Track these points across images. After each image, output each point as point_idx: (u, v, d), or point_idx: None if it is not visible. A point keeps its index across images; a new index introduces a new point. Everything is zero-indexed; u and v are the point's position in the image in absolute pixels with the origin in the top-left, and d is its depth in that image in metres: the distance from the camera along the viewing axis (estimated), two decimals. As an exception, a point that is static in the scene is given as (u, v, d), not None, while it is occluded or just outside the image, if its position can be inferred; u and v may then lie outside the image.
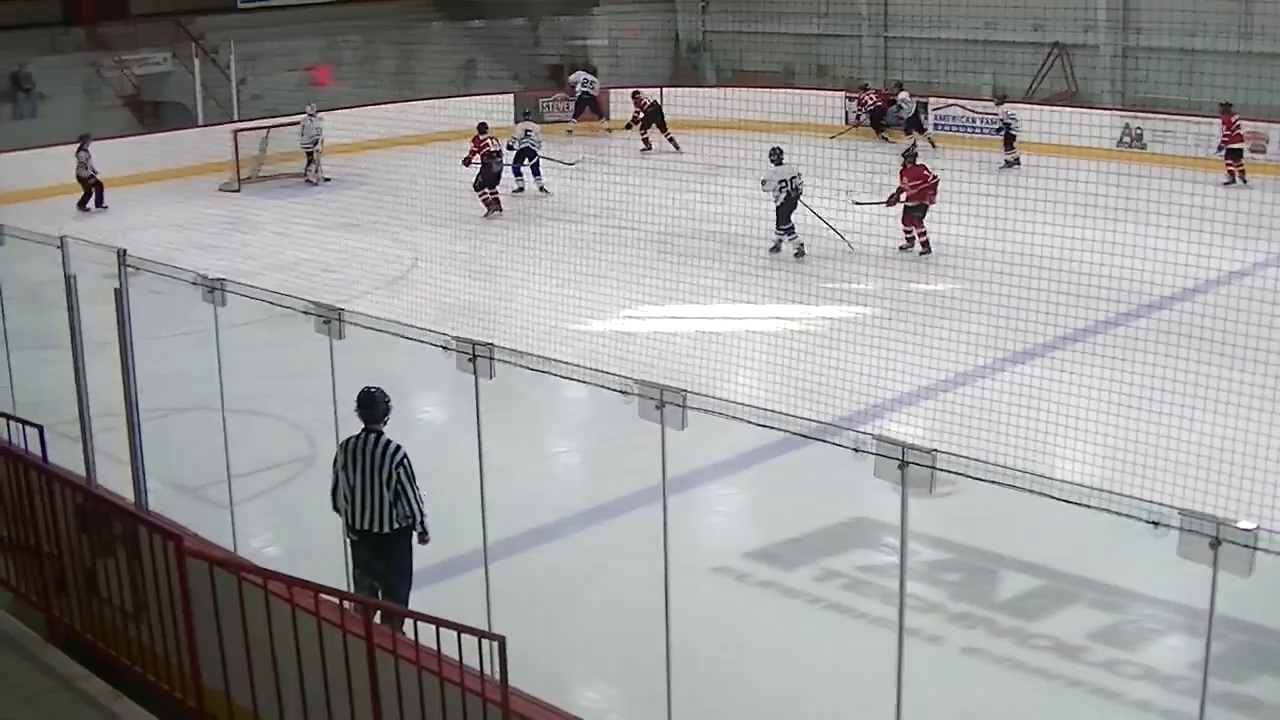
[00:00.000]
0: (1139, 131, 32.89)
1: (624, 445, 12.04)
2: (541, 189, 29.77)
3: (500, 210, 27.55)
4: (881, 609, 11.24)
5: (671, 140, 34.61)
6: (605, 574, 12.47)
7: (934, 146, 33.63)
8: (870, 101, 36.90)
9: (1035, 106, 33.90)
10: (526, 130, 30.04)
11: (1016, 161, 31.63)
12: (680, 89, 37.82)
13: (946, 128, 35.90)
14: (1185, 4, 30.82)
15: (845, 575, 12.31)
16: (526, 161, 29.91)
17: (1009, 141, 32.07)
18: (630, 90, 36.41)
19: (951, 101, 36.20)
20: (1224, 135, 29.57)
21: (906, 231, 23.79)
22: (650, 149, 34.98)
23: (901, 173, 23.83)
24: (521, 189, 29.89)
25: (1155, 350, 15.29)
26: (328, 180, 32.02)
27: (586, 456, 16.04)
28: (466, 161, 27.96)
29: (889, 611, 8.67)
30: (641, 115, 35.39)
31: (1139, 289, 18.29)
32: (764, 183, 24.05)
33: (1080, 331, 18.07)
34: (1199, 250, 16.81)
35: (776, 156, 23.94)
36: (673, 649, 9.02)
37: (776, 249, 23.92)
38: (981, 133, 34.83)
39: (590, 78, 38.16)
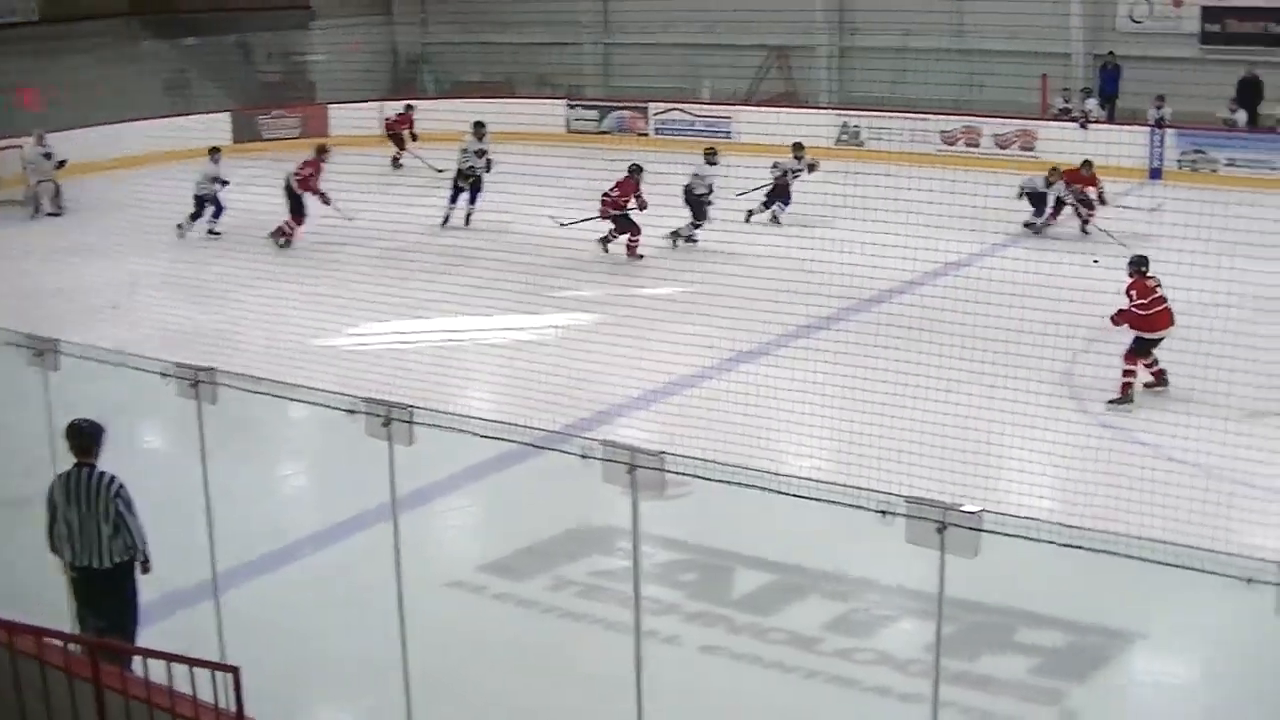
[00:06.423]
0: (856, 129, 33.76)
1: (353, 464, 11.88)
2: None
3: None
4: (618, 613, 11.23)
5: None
6: (340, 595, 12.28)
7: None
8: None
9: (755, 108, 34.63)
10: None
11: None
12: (399, 102, 37.40)
13: (667, 131, 36.33)
14: (900, 4, 31.80)
15: (580, 582, 12.39)
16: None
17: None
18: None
19: (672, 105, 36.67)
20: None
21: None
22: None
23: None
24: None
25: (877, 343, 15.67)
26: (56, 214, 29.86)
27: (316, 477, 15.81)
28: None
29: (626, 615, 8.73)
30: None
31: (859, 284, 18.56)
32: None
33: (803, 328, 18.32)
34: (917, 243, 17.27)
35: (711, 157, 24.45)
36: (412, 666, 8.97)
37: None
38: (701, 135, 35.38)
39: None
